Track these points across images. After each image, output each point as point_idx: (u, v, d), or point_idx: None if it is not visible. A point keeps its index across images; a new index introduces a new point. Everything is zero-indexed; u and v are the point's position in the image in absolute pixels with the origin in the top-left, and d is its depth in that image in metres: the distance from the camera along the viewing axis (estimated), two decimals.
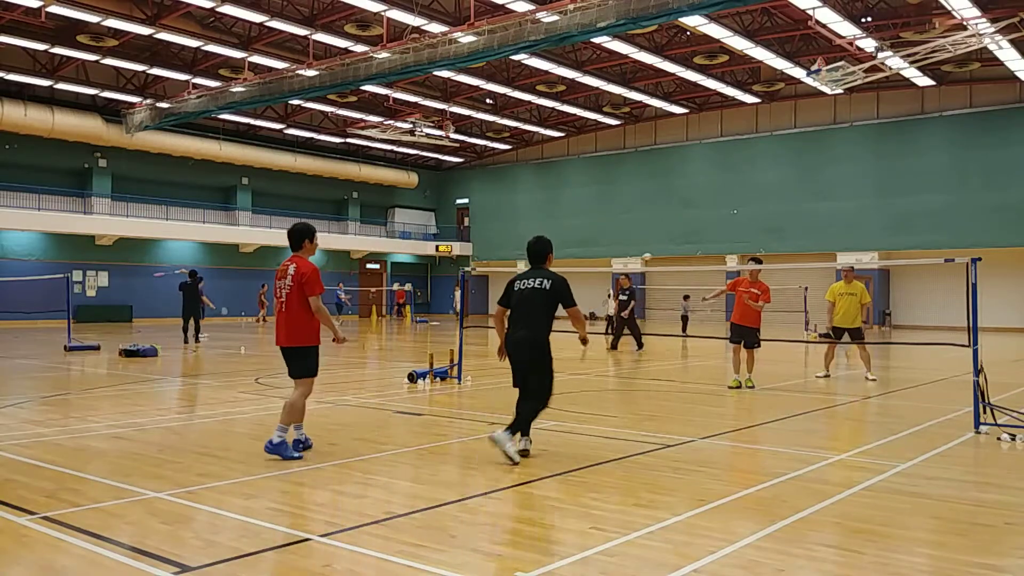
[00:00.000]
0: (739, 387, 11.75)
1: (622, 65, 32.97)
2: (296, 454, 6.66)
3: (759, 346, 11.90)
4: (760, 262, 12.34)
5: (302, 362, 6.83)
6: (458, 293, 43.87)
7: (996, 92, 32.94)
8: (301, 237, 6.94)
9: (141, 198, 37.09)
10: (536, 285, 6.81)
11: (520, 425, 6.70)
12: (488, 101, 38.50)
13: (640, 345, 20.04)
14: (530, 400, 6.78)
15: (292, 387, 6.92)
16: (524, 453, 6.75)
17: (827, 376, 13.48)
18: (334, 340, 7.18)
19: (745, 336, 11.81)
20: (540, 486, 5.89)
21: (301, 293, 6.71)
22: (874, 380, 12.89)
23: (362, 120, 38.31)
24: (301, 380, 6.84)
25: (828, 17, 24.38)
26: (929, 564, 4.25)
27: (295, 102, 35.17)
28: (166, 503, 5.30)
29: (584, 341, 7.30)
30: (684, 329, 26.83)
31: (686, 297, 28.31)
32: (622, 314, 20.08)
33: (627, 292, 19.99)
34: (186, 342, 21.14)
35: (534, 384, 6.80)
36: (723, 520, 4.97)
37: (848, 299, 12.98)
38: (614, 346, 20.12)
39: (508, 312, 6.97)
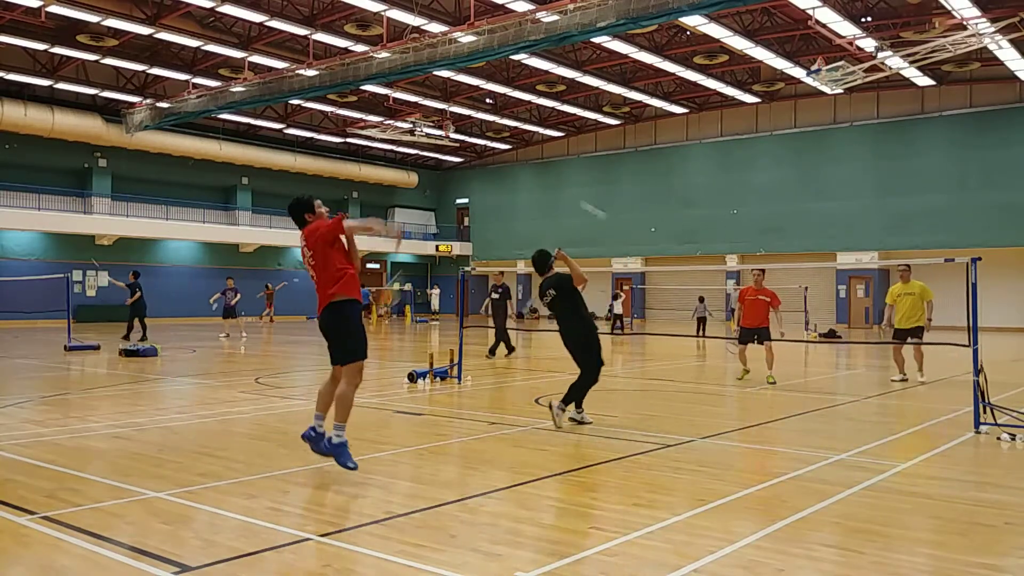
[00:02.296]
0: (748, 374, 12.75)
1: (622, 65, 32.96)
2: (352, 463, 5.95)
3: (770, 341, 12.69)
4: (762, 268, 13.21)
5: (345, 336, 6.07)
6: (436, 291, 43.95)
7: (996, 92, 32.93)
8: (300, 211, 6.36)
9: (141, 198, 37.07)
10: (550, 297, 8.28)
11: (573, 396, 8.26)
12: (488, 101, 38.48)
13: (505, 350, 17.23)
14: (585, 375, 8.27)
15: (326, 383, 6.34)
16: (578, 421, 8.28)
17: (904, 379, 12.70)
18: (388, 232, 6.83)
19: (760, 334, 12.75)
20: (540, 486, 5.89)
21: (328, 251, 6.10)
22: (903, 379, 12.61)
23: (362, 120, 38.30)
24: (352, 366, 6.12)
25: (828, 17, 24.38)
26: (929, 564, 4.25)
27: (295, 102, 35.16)
28: (166, 503, 5.30)
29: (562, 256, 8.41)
30: (701, 331, 26.66)
31: (701, 299, 28.27)
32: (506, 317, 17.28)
33: (500, 290, 17.36)
34: (144, 338, 20.43)
35: (585, 362, 8.30)
36: (723, 520, 4.97)
37: (908, 299, 12.56)
38: (510, 348, 17.33)
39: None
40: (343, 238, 6.16)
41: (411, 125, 36.33)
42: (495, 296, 17.37)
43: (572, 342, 8.38)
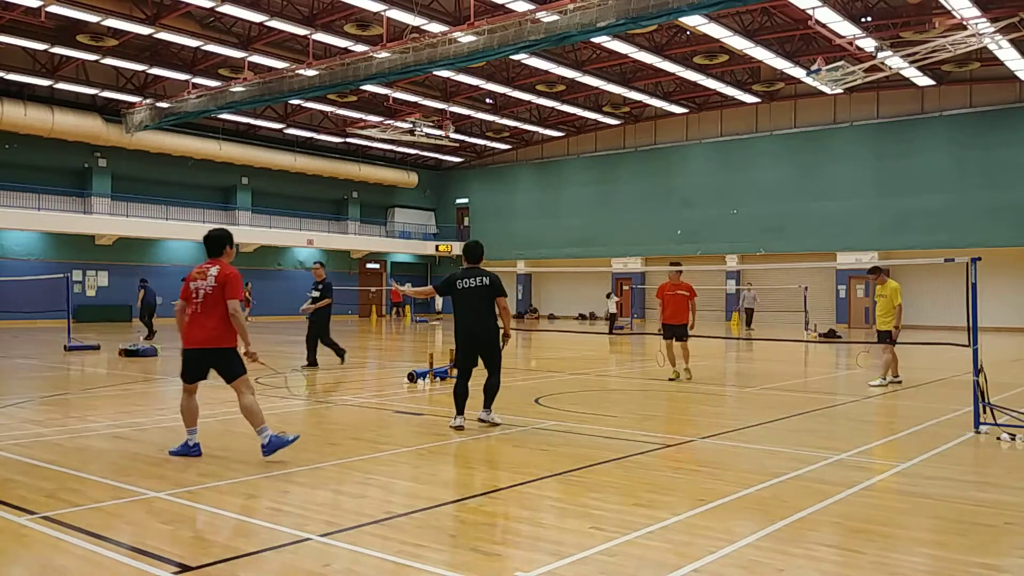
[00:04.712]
0: (678, 378, 12.79)
1: (622, 65, 32.95)
2: (290, 437, 6.63)
3: (687, 338, 13.05)
4: (679, 265, 13.57)
5: (231, 363, 6.77)
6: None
7: (996, 92, 32.92)
8: (222, 243, 6.89)
9: (141, 198, 37.06)
10: (477, 283, 8.16)
11: (492, 399, 8.27)
12: (488, 101, 38.48)
13: (338, 357, 14.88)
14: (492, 376, 8.27)
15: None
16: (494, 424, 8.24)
17: (899, 381, 12.37)
18: (245, 353, 6.86)
19: (677, 332, 13.04)
20: (540, 486, 5.90)
21: (222, 295, 6.66)
22: (874, 385, 12.11)
23: (362, 120, 38.30)
24: (240, 380, 6.76)
25: (828, 17, 24.37)
26: (929, 564, 4.25)
27: (295, 102, 35.15)
28: (166, 503, 5.30)
29: (507, 336, 8.32)
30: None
31: None
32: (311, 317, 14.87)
33: (321, 287, 14.85)
34: (151, 336, 21.03)
35: (492, 363, 8.25)
36: (723, 520, 4.97)
37: (880, 301, 12.37)
38: (312, 362, 14.70)
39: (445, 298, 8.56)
40: (228, 303, 6.70)
41: (411, 125, 36.31)
42: (315, 294, 14.86)
43: (483, 336, 8.17)
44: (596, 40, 27.26)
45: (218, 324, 6.66)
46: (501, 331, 8.23)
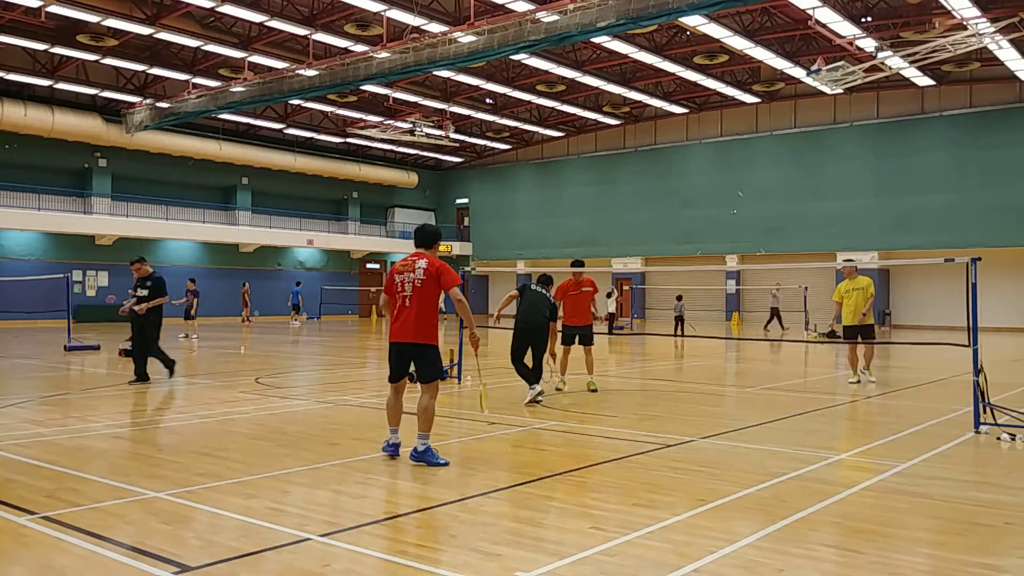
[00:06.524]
0: (564, 387, 11.45)
1: (622, 65, 32.95)
2: (442, 460, 6.46)
3: (592, 342, 11.65)
4: (582, 264, 11.90)
5: (431, 362, 6.66)
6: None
7: (996, 92, 32.92)
8: (435, 237, 6.84)
9: (141, 198, 37.05)
10: (544, 293, 10.82)
11: (539, 377, 10.42)
12: (488, 101, 38.48)
13: (169, 369, 12.33)
14: (535, 362, 10.51)
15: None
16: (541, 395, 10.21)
17: (859, 381, 12.38)
18: (471, 338, 6.82)
19: (581, 334, 11.58)
20: (540, 486, 5.90)
21: (434, 287, 6.50)
22: (856, 382, 12.21)
23: (362, 120, 38.29)
24: (432, 385, 6.66)
25: (828, 17, 24.37)
26: (929, 564, 4.25)
27: (295, 102, 35.15)
28: (166, 503, 5.30)
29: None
30: (679, 330, 26.64)
31: (679, 297, 28.22)
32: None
33: (149, 284, 12.47)
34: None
35: (538, 353, 10.56)
36: (723, 520, 4.97)
37: (855, 294, 12.20)
38: (142, 375, 12.16)
39: (517, 299, 11.02)
40: (451, 291, 6.63)
41: (411, 125, 36.30)
42: (143, 292, 12.35)
43: (537, 332, 10.55)
44: (596, 40, 27.26)
45: (424, 318, 6.52)
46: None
